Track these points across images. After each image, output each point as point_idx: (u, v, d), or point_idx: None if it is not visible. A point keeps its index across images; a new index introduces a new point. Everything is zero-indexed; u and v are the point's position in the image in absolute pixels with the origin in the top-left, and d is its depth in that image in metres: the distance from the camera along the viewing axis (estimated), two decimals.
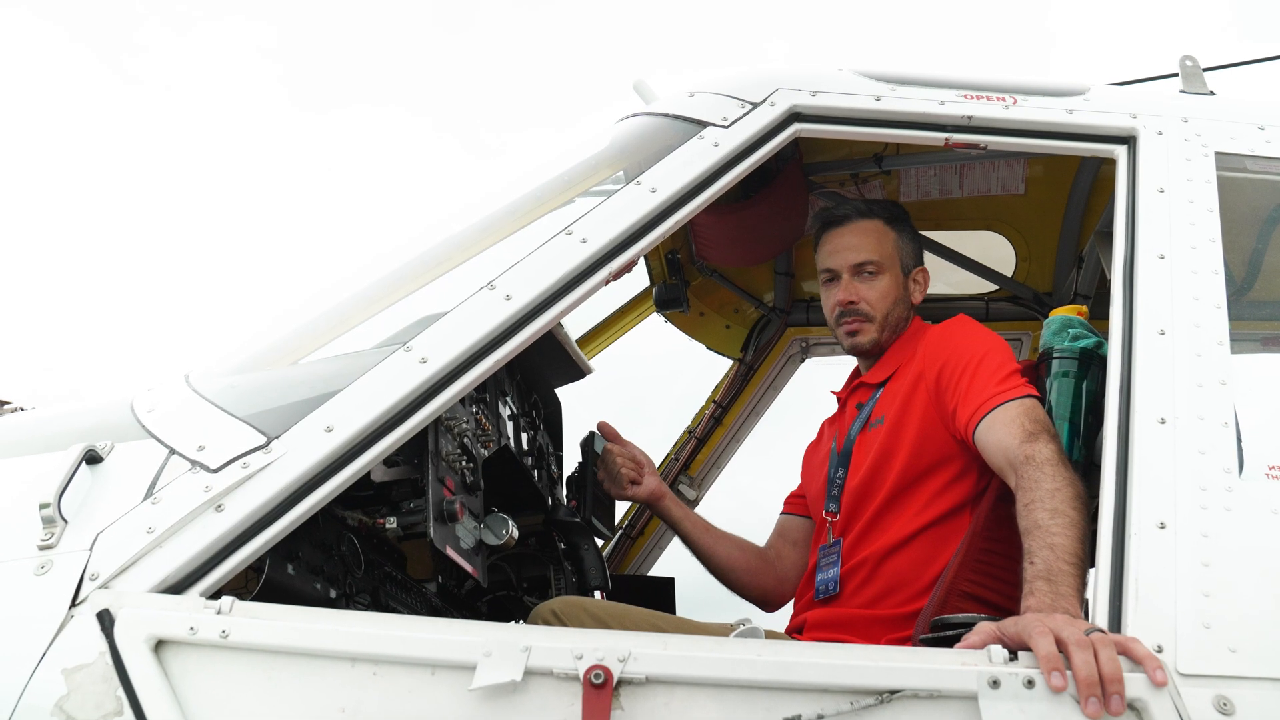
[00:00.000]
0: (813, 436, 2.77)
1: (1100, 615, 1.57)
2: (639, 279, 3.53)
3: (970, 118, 2.14)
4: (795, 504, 2.73)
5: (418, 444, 2.08)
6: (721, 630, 2.14)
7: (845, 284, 2.49)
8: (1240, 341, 2.10)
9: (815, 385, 3.59)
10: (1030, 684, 1.43)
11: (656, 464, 2.77)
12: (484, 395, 2.55)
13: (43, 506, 1.60)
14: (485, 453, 2.44)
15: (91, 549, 1.57)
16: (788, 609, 2.44)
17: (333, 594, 1.88)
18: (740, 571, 2.64)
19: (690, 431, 3.73)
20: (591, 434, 3.23)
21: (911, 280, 2.55)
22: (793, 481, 2.78)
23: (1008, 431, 2.01)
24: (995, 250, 3.37)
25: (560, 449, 3.20)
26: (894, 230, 2.53)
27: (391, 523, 2.02)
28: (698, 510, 2.93)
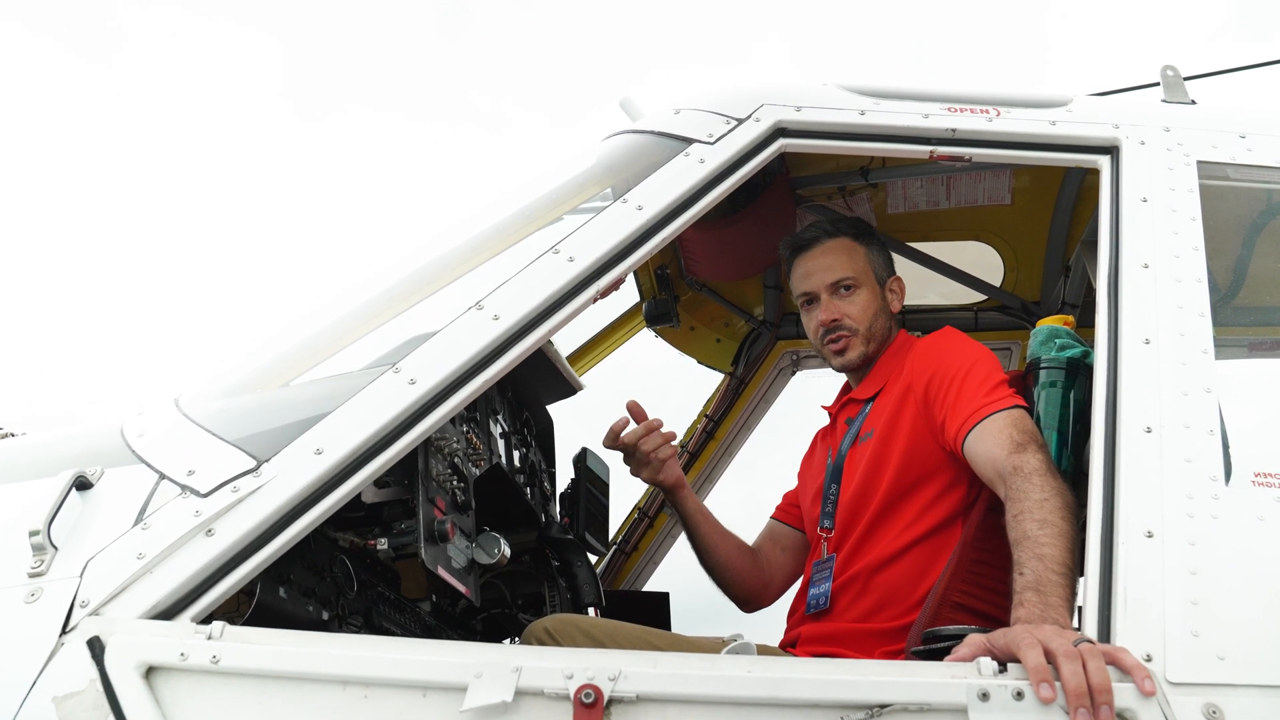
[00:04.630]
0: (805, 449, 2.77)
1: (1089, 624, 1.57)
2: (629, 295, 3.55)
3: (954, 130, 2.15)
4: (789, 513, 2.74)
5: (408, 465, 2.08)
6: (715, 646, 2.14)
7: (825, 303, 2.52)
8: (1227, 347, 2.12)
9: (807, 398, 3.60)
10: (1019, 696, 1.43)
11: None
12: (474, 414, 2.56)
13: (32, 534, 1.60)
14: (476, 471, 2.44)
15: (82, 576, 1.57)
16: (780, 624, 2.44)
17: (325, 616, 1.88)
18: (735, 572, 2.66)
19: (683, 446, 3.73)
20: (584, 450, 3.24)
21: (888, 290, 2.57)
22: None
23: (996, 442, 2.02)
24: (983, 260, 3.38)
25: (553, 466, 3.21)
26: (863, 245, 2.56)
27: (383, 544, 2.02)
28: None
